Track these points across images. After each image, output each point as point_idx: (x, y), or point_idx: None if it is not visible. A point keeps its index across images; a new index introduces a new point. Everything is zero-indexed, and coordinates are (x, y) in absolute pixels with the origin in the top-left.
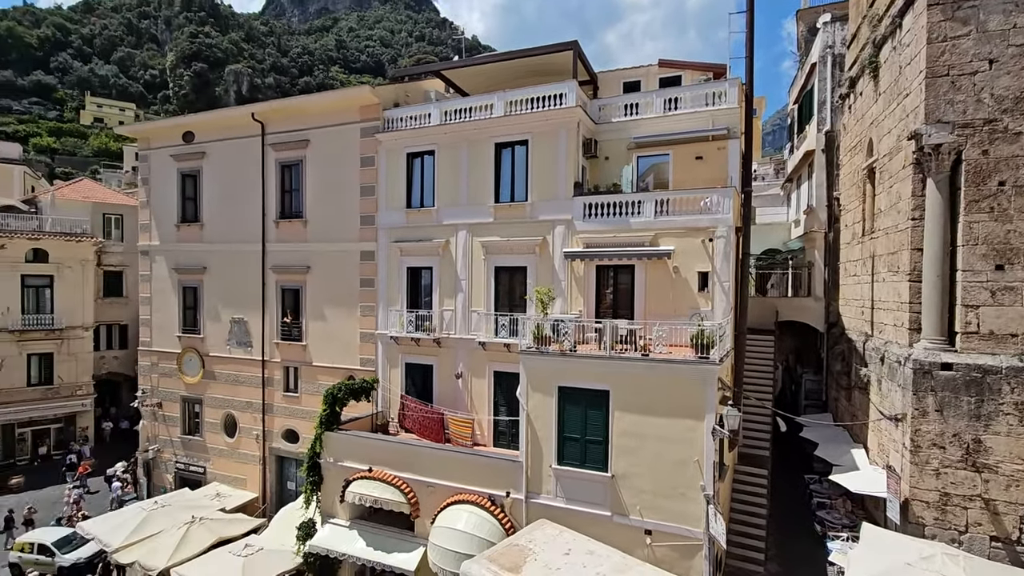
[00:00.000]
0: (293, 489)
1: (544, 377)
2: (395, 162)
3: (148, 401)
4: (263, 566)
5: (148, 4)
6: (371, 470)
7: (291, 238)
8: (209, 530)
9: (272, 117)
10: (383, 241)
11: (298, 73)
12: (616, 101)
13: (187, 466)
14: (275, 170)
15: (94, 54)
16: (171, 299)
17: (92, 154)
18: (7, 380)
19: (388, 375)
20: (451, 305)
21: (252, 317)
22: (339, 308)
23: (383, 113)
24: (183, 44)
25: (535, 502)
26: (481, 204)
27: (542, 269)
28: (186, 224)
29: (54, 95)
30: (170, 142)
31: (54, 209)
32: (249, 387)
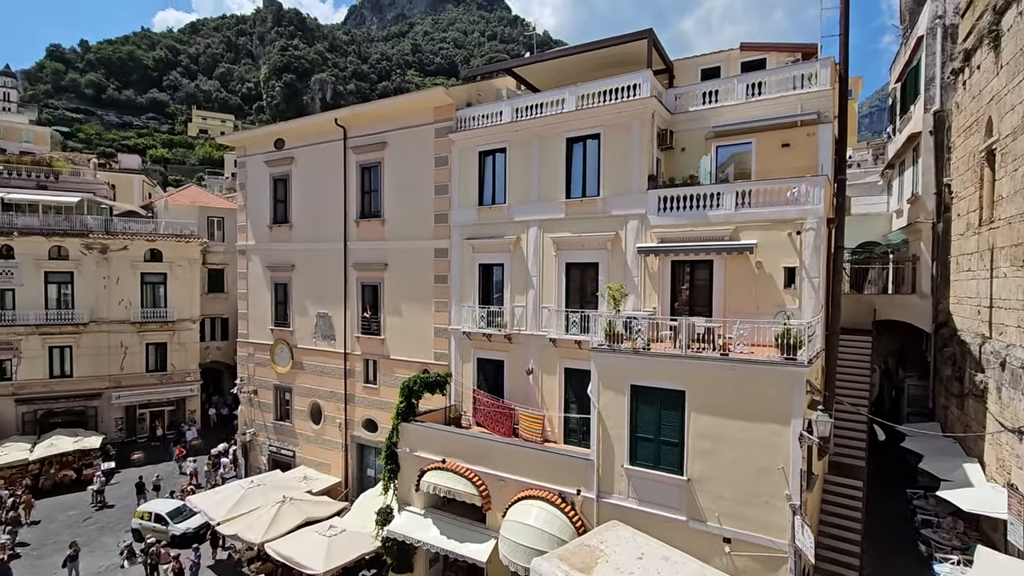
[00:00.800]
0: (372, 476)
1: (616, 375)
2: (467, 161)
3: (245, 388)
4: (346, 547)
5: (244, 22)
6: (444, 461)
7: (370, 237)
8: (298, 510)
9: (353, 122)
10: (456, 238)
11: (377, 78)
12: (693, 89)
13: (279, 449)
14: (356, 172)
15: (199, 71)
16: (264, 295)
17: (198, 162)
18: (130, 366)
19: (461, 369)
20: (522, 301)
21: (335, 312)
22: (415, 304)
23: (456, 113)
24: (274, 57)
25: (606, 501)
26: (552, 200)
27: (614, 265)
28: (277, 225)
29: (167, 110)
30: (263, 149)
31: (167, 213)
32: (333, 378)
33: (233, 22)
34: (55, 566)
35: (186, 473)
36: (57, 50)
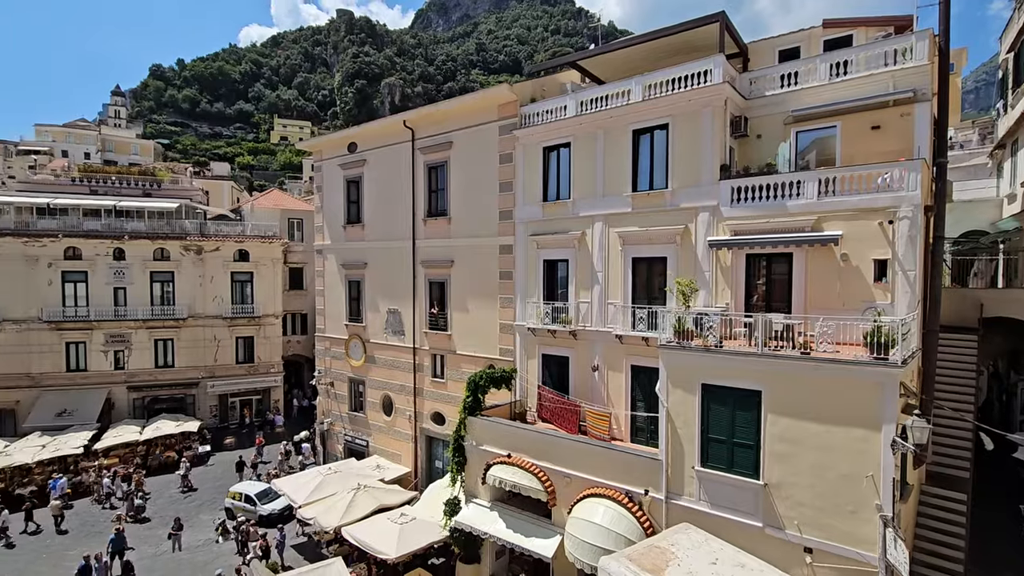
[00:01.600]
0: (440, 467)
1: (686, 374)
2: (532, 157)
3: (323, 380)
4: (416, 535)
5: (320, 33)
6: (510, 456)
7: (437, 235)
8: (372, 497)
9: (420, 123)
10: (520, 235)
11: (443, 79)
12: (770, 72)
13: (353, 439)
14: (423, 172)
15: (280, 82)
16: (339, 292)
17: (279, 168)
18: (222, 358)
19: (525, 365)
20: (587, 297)
21: (405, 308)
22: (480, 300)
23: (520, 110)
24: (347, 64)
25: (676, 503)
26: (618, 194)
27: (683, 259)
28: (351, 225)
29: (252, 120)
30: (337, 153)
31: (252, 216)
32: (403, 372)
33: (309, 33)
34: (161, 538)
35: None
36: (158, 69)
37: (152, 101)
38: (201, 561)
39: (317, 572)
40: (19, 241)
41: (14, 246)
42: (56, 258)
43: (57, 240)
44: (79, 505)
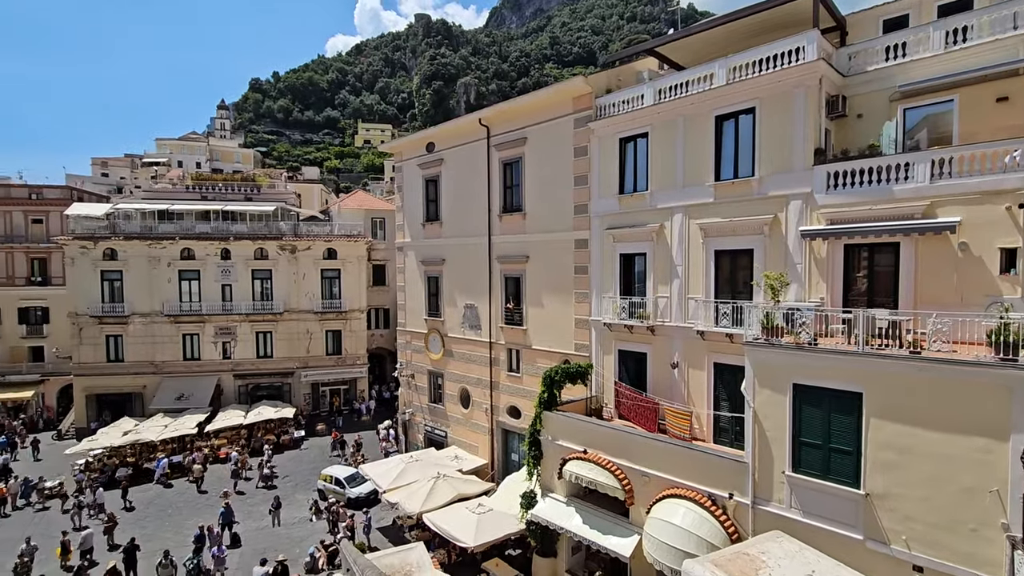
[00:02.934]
0: (516, 460)
1: (775, 373)
2: (607, 149)
3: (404, 372)
4: (493, 525)
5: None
6: (586, 452)
7: (512, 230)
8: (451, 486)
9: (495, 120)
10: (596, 229)
11: (516, 75)
12: (874, 45)
13: (433, 429)
14: (498, 168)
15: (363, 87)
16: (419, 287)
17: (363, 170)
18: (314, 349)
19: (601, 361)
20: (666, 292)
21: (481, 303)
22: (555, 295)
23: (595, 101)
24: (424, 67)
25: (763, 509)
26: (699, 184)
27: (772, 251)
28: (429, 222)
29: (338, 125)
30: (416, 153)
31: (339, 216)
32: (479, 365)
33: (389, 39)
34: (263, 514)
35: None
36: (256, 83)
37: (251, 112)
38: (297, 536)
39: (401, 554)
40: (144, 243)
41: (140, 248)
42: (174, 258)
43: (175, 242)
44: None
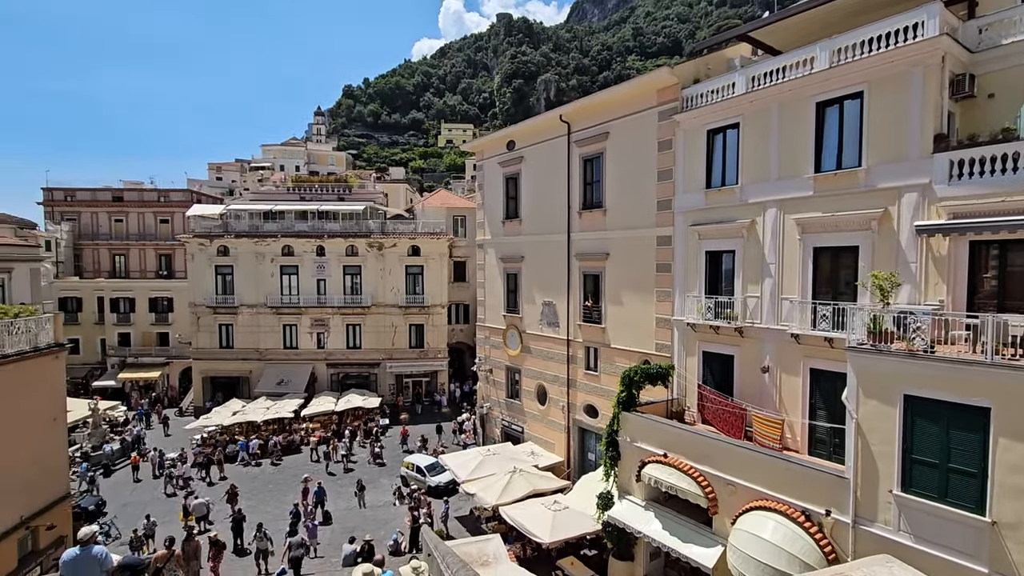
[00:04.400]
0: (593, 460)
1: (883, 382)
2: (694, 142)
3: (483, 367)
4: (569, 523)
5: (481, 39)
6: (666, 455)
7: (592, 227)
8: (527, 481)
9: (576, 116)
10: (680, 225)
11: (598, 70)
12: (1011, 15)
13: (510, 424)
14: (579, 165)
15: (446, 89)
16: (498, 284)
17: (445, 169)
18: (398, 342)
19: (684, 362)
20: (756, 291)
21: (559, 300)
22: (635, 293)
23: (681, 93)
24: (505, 66)
25: (866, 530)
26: (796, 176)
27: (880, 248)
28: (509, 220)
29: (422, 127)
30: (496, 152)
31: (423, 215)
32: (556, 363)
33: (472, 41)
34: (350, 495)
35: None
36: (349, 89)
37: (344, 117)
38: (382, 519)
39: (479, 544)
40: (251, 241)
41: (248, 245)
42: (276, 255)
43: (277, 239)
44: (289, 460)
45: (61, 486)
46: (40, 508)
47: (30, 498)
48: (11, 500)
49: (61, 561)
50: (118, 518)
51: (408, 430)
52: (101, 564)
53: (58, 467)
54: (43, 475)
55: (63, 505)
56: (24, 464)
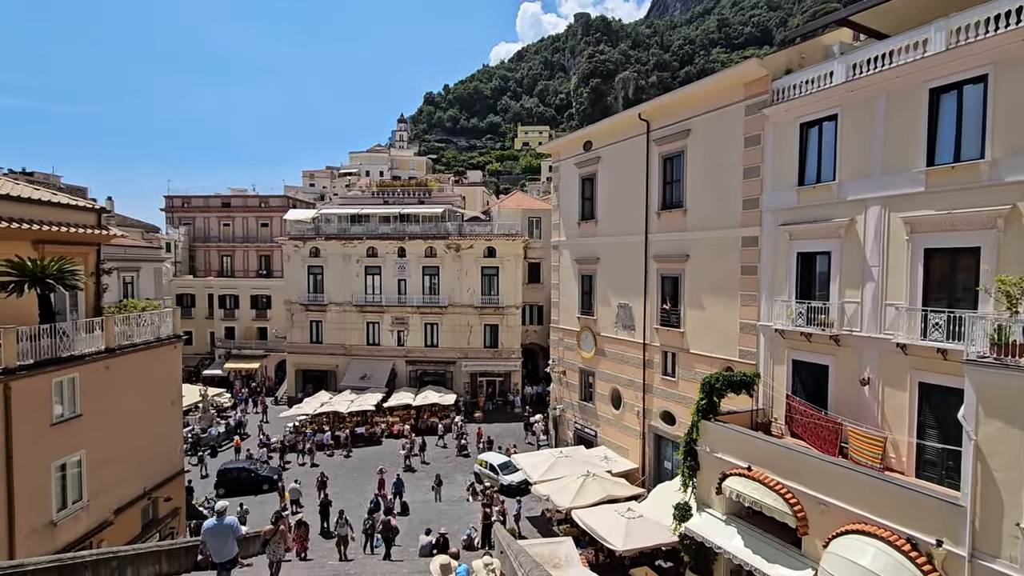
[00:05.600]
0: (669, 469)
1: (1009, 400)
2: (785, 136)
3: (556, 369)
4: (643, 532)
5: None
6: (750, 469)
7: (671, 228)
8: (600, 486)
9: (655, 114)
10: (768, 225)
11: (679, 65)
12: None
13: (583, 427)
14: (658, 164)
15: (523, 92)
16: (573, 285)
17: (521, 171)
18: (473, 342)
19: (771, 371)
20: (855, 296)
21: (635, 302)
22: (717, 296)
23: (771, 85)
24: (582, 66)
25: (986, 565)
26: (904, 170)
27: (1008, 249)
28: (584, 221)
29: (499, 130)
30: (573, 153)
31: (499, 217)
32: (631, 366)
33: (549, 42)
34: (428, 488)
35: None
36: (430, 96)
37: (425, 123)
38: (456, 514)
39: (551, 546)
40: (340, 243)
41: (336, 247)
42: (361, 256)
43: (362, 241)
44: (369, 451)
45: (176, 463)
46: (159, 482)
47: (151, 472)
48: (137, 473)
49: (203, 528)
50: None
51: (482, 429)
52: (233, 531)
53: (174, 446)
54: (162, 452)
55: (178, 480)
56: (148, 441)
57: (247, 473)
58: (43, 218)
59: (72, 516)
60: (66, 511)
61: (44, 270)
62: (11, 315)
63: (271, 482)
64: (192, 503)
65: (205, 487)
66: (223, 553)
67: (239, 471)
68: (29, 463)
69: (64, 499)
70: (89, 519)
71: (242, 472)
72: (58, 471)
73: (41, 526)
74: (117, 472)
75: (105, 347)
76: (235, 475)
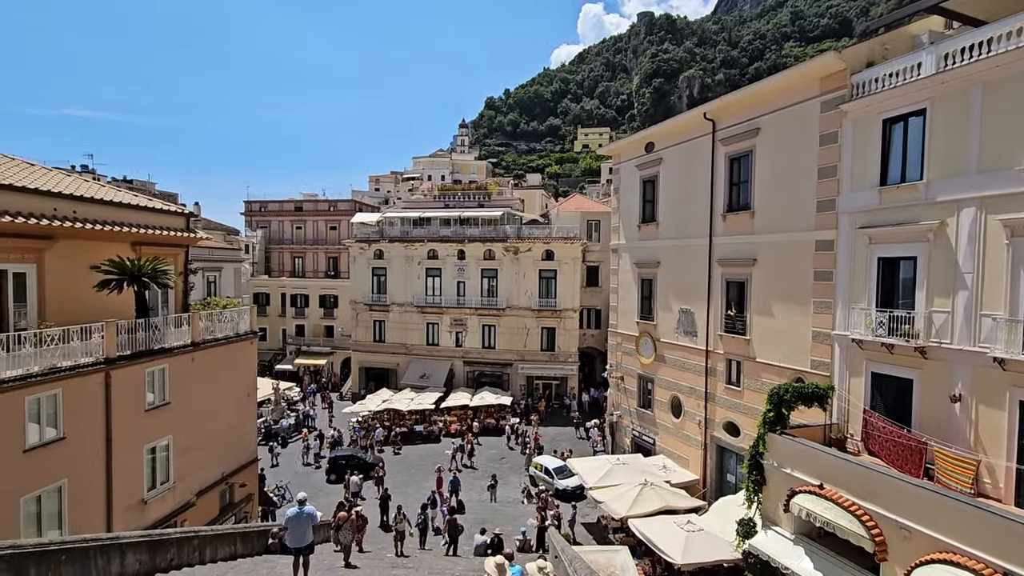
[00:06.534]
0: (732, 482)
1: None
2: (865, 133)
3: (614, 374)
4: (703, 547)
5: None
6: (822, 487)
7: (737, 231)
8: (659, 496)
9: (721, 113)
10: (845, 228)
11: (748, 61)
12: None
13: (641, 435)
14: (724, 164)
15: (583, 94)
16: (632, 289)
17: (581, 174)
18: (530, 344)
19: (847, 383)
20: (944, 306)
21: (698, 308)
22: (787, 303)
23: (850, 79)
24: (645, 65)
25: None
26: (1004, 168)
27: None
28: (645, 224)
29: (559, 132)
30: (634, 155)
31: (557, 220)
32: (693, 374)
33: (611, 43)
34: (483, 488)
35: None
36: (490, 100)
37: (485, 128)
38: (511, 515)
39: (606, 554)
40: (402, 245)
41: (399, 249)
42: (422, 258)
43: (423, 244)
44: (427, 448)
45: (251, 451)
46: (235, 468)
47: (229, 459)
48: (216, 459)
49: (286, 516)
50: (291, 484)
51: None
52: (312, 519)
53: (249, 435)
54: (239, 441)
55: (252, 467)
56: (227, 429)
57: (355, 460)
58: (140, 222)
59: (160, 496)
60: (155, 491)
61: (140, 269)
62: (111, 310)
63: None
64: (264, 490)
65: (275, 476)
66: (303, 539)
67: (347, 458)
68: (125, 445)
69: (154, 480)
70: (174, 499)
71: (351, 459)
72: (149, 454)
73: (134, 503)
74: (199, 457)
75: (191, 341)
76: (344, 462)
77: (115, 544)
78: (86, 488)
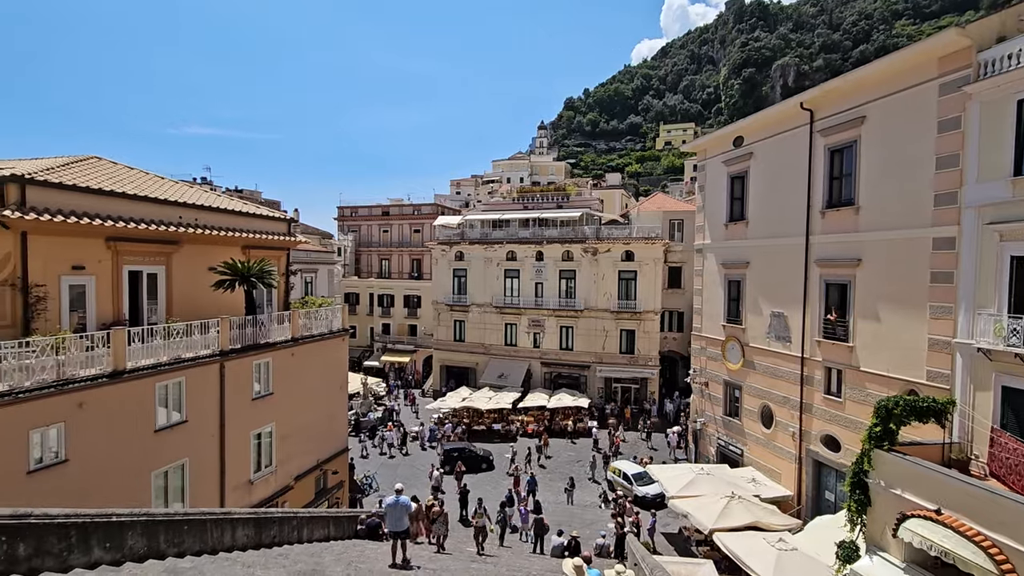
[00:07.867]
0: (831, 501)
1: None
2: (996, 117)
3: (697, 379)
4: (797, 567)
5: (707, 31)
6: (939, 512)
7: (838, 228)
8: (747, 510)
9: (821, 102)
10: (969, 223)
11: (852, 44)
12: None
13: (727, 444)
14: (823, 157)
15: (666, 89)
16: (718, 291)
17: (663, 172)
18: (609, 347)
19: (971, 398)
20: None
21: (792, 312)
22: (898, 307)
23: (976, 57)
24: (734, 55)
25: None
26: None
27: None
28: (733, 223)
29: (640, 130)
30: (721, 150)
31: (638, 219)
32: (786, 382)
33: (696, 35)
34: (559, 490)
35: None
36: (569, 101)
37: (564, 128)
38: (588, 519)
39: (689, 567)
40: (482, 247)
41: (479, 251)
42: (501, 259)
43: (502, 245)
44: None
45: (342, 441)
46: (328, 456)
47: (323, 447)
48: (312, 447)
49: (384, 504)
50: (379, 474)
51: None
52: (407, 508)
53: (341, 426)
54: (332, 431)
55: (343, 456)
56: (322, 420)
57: (468, 452)
58: (250, 227)
59: (263, 478)
60: (260, 473)
61: (250, 270)
62: (224, 308)
63: (487, 460)
64: (353, 478)
65: (364, 466)
66: (400, 524)
67: (460, 451)
68: (235, 430)
69: (259, 463)
70: (276, 482)
71: (463, 452)
72: (255, 439)
73: (242, 483)
74: (297, 444)
75: (291, 336)
76: (457, 454)
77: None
78: (203, 467)
